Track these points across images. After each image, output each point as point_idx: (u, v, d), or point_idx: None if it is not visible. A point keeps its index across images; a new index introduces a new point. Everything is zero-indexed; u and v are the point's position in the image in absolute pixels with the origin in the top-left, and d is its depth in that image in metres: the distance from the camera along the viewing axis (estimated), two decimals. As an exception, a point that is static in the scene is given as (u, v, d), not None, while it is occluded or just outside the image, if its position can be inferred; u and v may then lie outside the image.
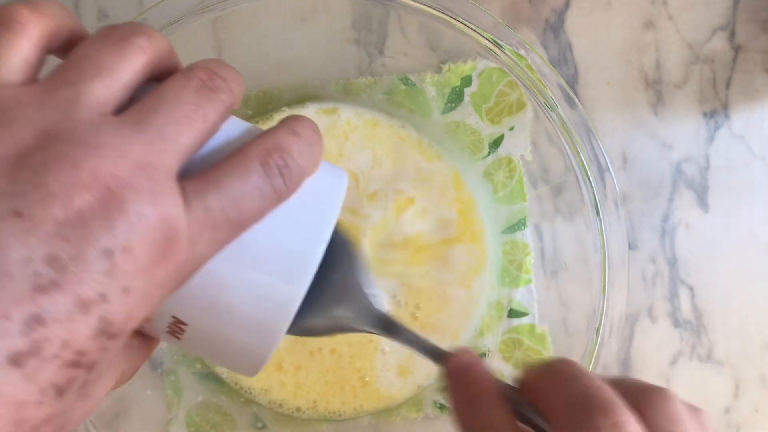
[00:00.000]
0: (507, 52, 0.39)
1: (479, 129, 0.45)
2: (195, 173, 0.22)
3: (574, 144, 0.39)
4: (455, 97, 0.45)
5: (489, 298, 0.45)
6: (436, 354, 0.29)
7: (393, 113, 0.46)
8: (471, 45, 0.40)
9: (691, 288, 0.47)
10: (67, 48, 0.23)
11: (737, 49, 0.48)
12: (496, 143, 0.45)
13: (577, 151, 0.39)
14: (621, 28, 0.48)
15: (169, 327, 0.24)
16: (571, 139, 0.39)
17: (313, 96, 0.46)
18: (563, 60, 0.48)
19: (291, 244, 0.25)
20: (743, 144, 0.48)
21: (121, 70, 0.22)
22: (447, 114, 0.45)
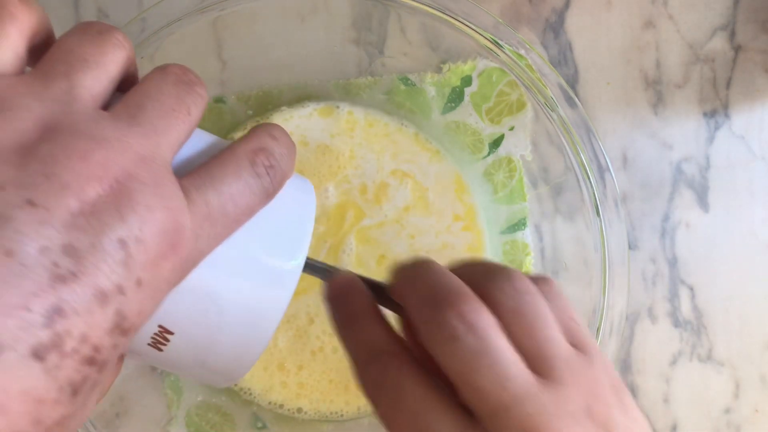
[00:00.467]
0: (507, 52, 0.39)
1: (479, 129, 0.45)
2: (184, 172, 0.22)
3: (574, 144, 0.39)
4: (455, 97, 0.45)
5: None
6: (315, 269, 0.29)
7: (393, 113, 0.46)
8: (471, 45, 0.40)
9: (691, 288, 0.47)
10: (44, 47, 0.23)
11: (737, 49, 0.48)
12: (496, 143, 0.45)
13: (577, 151, 0.39)
14: (621, 28, 0.48)
15: (153, 338, 0.24)
16: (571, 139, 0.39)
17: (313, 96, 0.46)
18: (563, 60, 0.48)
19: (277, 245, 0.25)
20: (743, 144, 0.48)
21: (107, 63, 0.22)
22: (447, 114, 0.45)
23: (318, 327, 0.44)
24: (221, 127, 0.45)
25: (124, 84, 0.23)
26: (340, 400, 0.44)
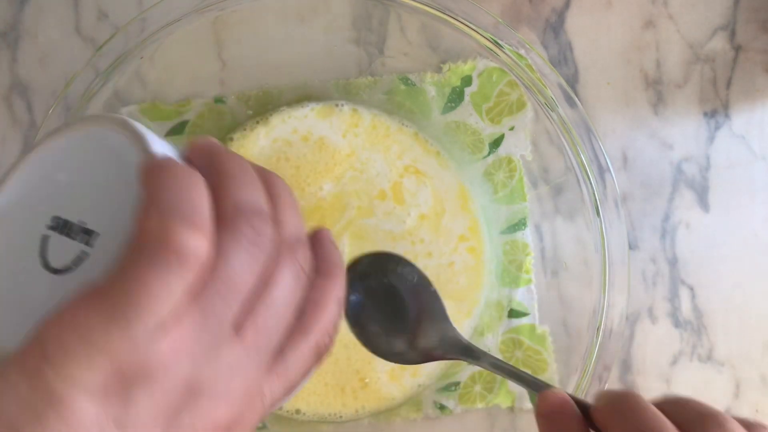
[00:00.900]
0: (507, 51, 0.39)
1: (479, 129, 0.45)
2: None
3: (574, 144, 0.39)
4: (455, 97, 0.45)
5: (489, 298, 0.45)
6: (521, 378, 0.32)
7: (393, 113, 0.46)
8: (471, 45, 0.40)
9: (692, 288, 0.47)
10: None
11: (737, 49, 0.48)
12: (496, 143, 0.45)
13: (578, 151, 0.39)
14: (621, 27, 0.48)
15: None
16: (572, 139, 0.39)
17: (314, 96, 0.46)
18: (563, 60, 0.48)
19: None
20: (743, 144, 0.48)
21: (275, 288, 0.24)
22: (447, 114, 0.45)
23: (318, 327, 0.44)
24: (221, 127, 0.45)
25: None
26: (337, 402, 0.44)
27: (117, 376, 0.19)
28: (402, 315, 0.36)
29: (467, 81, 0.44)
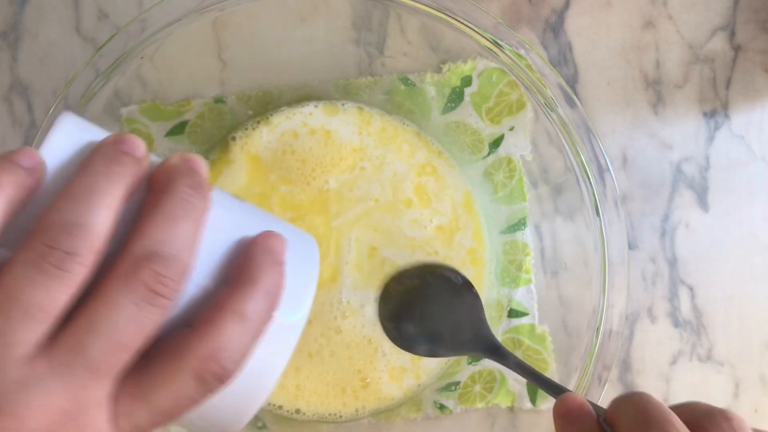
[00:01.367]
0: (507, 52, 0.39)
1: (479, 129, 0.45)
2: (128, 383, 0.23)
3: (574, 144, 0.39)
4: (455, 97, 0.45)
5: (489, 297, 0.45)
6: (542, 381, 0.36)
7: (393, 113, 0.46)
8: (471, 45, 0.40)
9: (691, 288, 0.47)
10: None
11: (737, 49, 0.48)
12: (496, 143, 0.45)
13: (577, 151, 0.39)
14: (621, 28, 0.48)
15: None
16: (571, 139, 0.39)
17: (314, 96, 0.46)
18: (563, 60, 0.48)
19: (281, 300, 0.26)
20: (743, 144, 0.48)
21: (53, 303, 0.22)
22: (447, 114, 0.45)
23: (316, 329, 0.44)
24: (221, 127, 0.45)
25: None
26: (337, 402, 0.44)
27: None
28: (440, 313, 0.41)
29: (467, 81, 0.44)
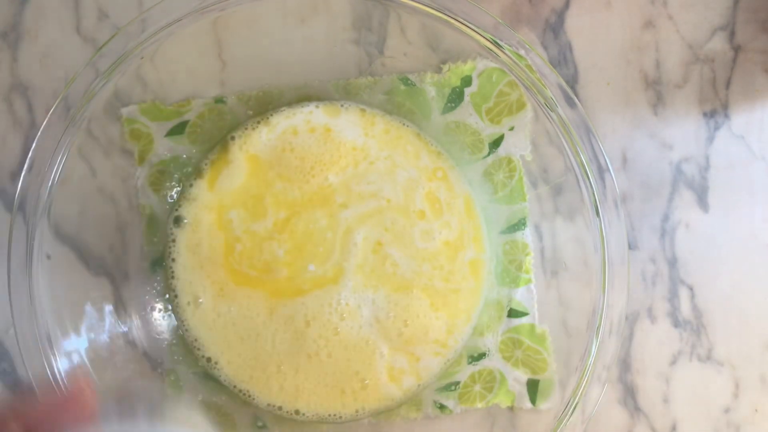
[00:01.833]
0: (507, 52, 0.39)
1: (479, 129, 0.45)
2: None
3: (574, 144, 0.39)
4: (455, 97, 0.45)
5: (488, 297, 0.45)
6: None
7: (393, 113, 0.46)
8: (471, 45, 0.40)
9: (691, 288, 0.47)
10: None
11: (737, 49, 0.48)
12: (496, 143, 0.45)
13: (577, 151, 0.39)
14: (621, 28, 0.48)
15: None
16: (571, 139, 0.39)
17: (314, 96, 0.46)
18: (563, 60, 0.48)
19: None
20: (743, 144, 0.48)
21: None
22: (447, 114, 0.45)
23: (314, 330, 0.44)
24: (221, 127, 0.45)
25: None
26: (336, 403, 0.44)
27: None
28: None
29: (467, 81, 0.44)
